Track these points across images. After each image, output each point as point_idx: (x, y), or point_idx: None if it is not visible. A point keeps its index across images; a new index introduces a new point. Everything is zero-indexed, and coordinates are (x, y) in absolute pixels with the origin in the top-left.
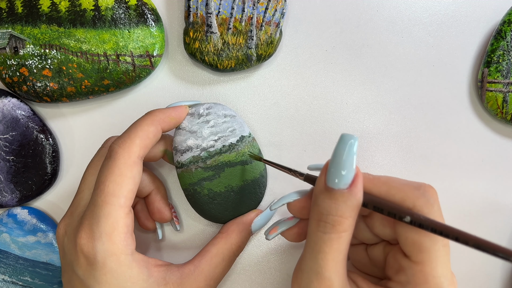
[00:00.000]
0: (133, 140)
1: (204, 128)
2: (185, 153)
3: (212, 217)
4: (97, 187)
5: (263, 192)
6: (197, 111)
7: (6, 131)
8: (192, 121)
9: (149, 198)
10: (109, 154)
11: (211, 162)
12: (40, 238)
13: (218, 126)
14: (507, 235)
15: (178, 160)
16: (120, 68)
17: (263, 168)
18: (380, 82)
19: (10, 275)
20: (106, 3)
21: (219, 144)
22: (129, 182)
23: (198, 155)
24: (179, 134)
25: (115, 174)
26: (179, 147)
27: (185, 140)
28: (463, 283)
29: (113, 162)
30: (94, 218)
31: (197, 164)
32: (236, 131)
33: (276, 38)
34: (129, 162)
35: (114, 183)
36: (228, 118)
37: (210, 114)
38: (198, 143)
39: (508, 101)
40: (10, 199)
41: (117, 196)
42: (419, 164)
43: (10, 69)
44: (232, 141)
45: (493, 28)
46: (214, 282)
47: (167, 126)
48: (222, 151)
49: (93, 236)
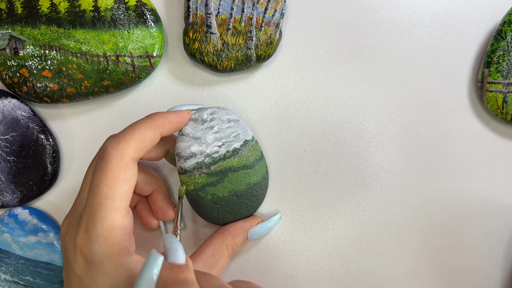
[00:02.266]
0: (127, 142)
1: (208, 134)
2: (189, 159)
3: (214, 220)
4: (92, 189)
5: (264, 193)
6: (200, 117)
7: (6, 131)
8: (196, 127)
9: (152, 197)
10: (102, 154)
11: (215, 168)
12: (41, 238)
13: (222, 132)
14: (507, 235)
15: (181, 166)
16: (120, 69)
17: (265, 171)
18: (380, 82)
19: (11, 275)
20: (105, 3)
21: (223, 149)
22: (123, 184)
23: (202, 161)
24: (183, 141)
25: (108, 177)
26: (183, 154)
27: (189, 147)
28: (463, 283)
29: (106, 164)
30: (91, 221)
31: (201, 170)
32: (240, 136)
33: (275, 38)
34: (122, 164)
35: (107, 186)
36: (232, 123)
37: (214, 120)
38: (202, 149)
39: (508, 101)
40: (11, 199)
41: (112, 199)
42: (419, 164)
43: (10, 70)
44: (236, 146)
45: (493, 28)
46: None
47: (166, 131)
48: (226, 157)
49: (91, 238)
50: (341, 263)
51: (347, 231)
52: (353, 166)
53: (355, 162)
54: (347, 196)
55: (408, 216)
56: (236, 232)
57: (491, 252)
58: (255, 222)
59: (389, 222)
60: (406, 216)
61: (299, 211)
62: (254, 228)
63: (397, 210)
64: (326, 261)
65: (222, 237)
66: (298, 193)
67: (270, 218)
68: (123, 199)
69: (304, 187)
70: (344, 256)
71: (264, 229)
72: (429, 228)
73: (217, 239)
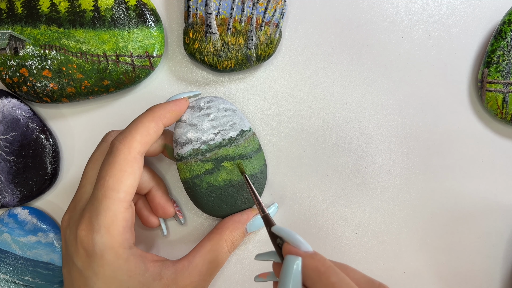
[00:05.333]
0: (133, 136)
1: (204, 121)
2: (185, 145)
3: (211, 211)
4: (98, 182)
5: (262, 187)
6: (197, 104)
7: (6, 131)
8: (192, 114)
9: (150, 194)
10: (110, 150)
11: (211, 155)
12: (40, 238)
13: (218, 120)
14: (507, 235)
15: (178, 153)
16: (120, 69)
17: (262, 164)
18: (380, 82)
19: (11, 275)
20: (105, 3)
21: (219, 137)
22: (129, 177)
23: (198, 148)
24: (179, 127)
25: (116, 169)
26: (179, 140)
27: (185, 133)
28: (463, 283)
29: (114, 158)
30: (94, 212)
31: (196, 157)
32: (236, 125)
33: (275, 38)
34: (129, 157)
35: (114, 178)
36: (228, 112)
37: (211, 108)
38: (198, 136)
39: (508, 101)
40: (10, 199)
41: (117, 190)
42: (419, 164)
43: (10, 69)
44: (232, 135)
45: (493, 28)
46: (208, 277)
47: (168, 121)
48: (222, 145)
49: (93, 229)
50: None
51: (347, 231)
52: (353, 166)
53: (355, 162)
54: (347, 196)
55: (408, 216)
56: (235, 225)
57: (491, 252)
58: (252, 214)
59: (389, 222)
60: (406, 216)
61: (299, 211)
62: (252, 220)
63: (397, 210)
64: None
65: (220, 232)
66: (298, 193)
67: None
68: (128, 191)
69: (304, 187)
70: (344, 256)
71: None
72: (429, 228)
73: (216, 234)
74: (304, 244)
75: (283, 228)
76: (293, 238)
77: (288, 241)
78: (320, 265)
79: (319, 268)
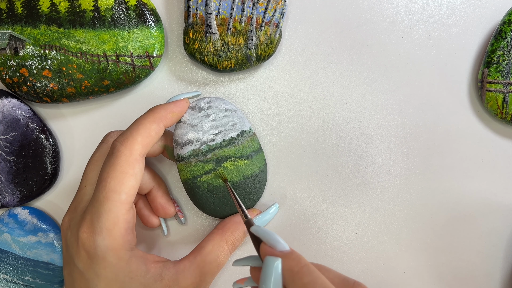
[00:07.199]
0: (134, 138)
1: (205, 121)
2: (186, 146)
3: (211, 212)
4: (99, 184)
5: (262, 188)
6: (198, 105)
7: (6, 131)
8: (192, 114)
9: (151, 194)
10: (111, 151)
11: (211, 156)
12: (40, 238)
13: (218, 120)
14: (507, 235)
15: (178, 153)
16: (120, 69)
17: (263, 164)
18: (380, 82)
19: (11, 275)
20: (105, 3)
21: (219, 138)
22: (130, 179)
23: (198, 148)
24: (180, 128)
25: (117, 171)
26: (180, 140)
27: (186, 134)
28: (463, 283)
29: (115, 159)
30: (96, 214)
31: (197, 157)
32: (236, 126)
33: (275, 38)
34: (131, 159)
35: (115, 180)
36: (228, 113)
37: (211, 108)
38: (198, 136)
39: (508, 101)
40: (11, 199)
41: (118, 192)
42: (419, 164)
43: (10, 69)
44: (233, 136)
45: (493, 28)
46: (209, 277)
47: (169, 122)
48: (222, 145)
49: (94, 231)
50: (341, 263)
51: (347, 231)
52: (353, 166)
53: (355, 162)
54: (347, 196)
55: (408, 216)
56: (235, 226)
57: (491, 252)
58: (253, 214)
59: (389, 222)
60: (406, 216)
61: (299, 211)
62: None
63: (397, 210)
64: (326, 261)
65: (221, 232)
66: (298, 193)
67: (268, 209)
68: (129, 193)
69: (304, 187)
70: (344, 256)
71: (263, 220)
72: (429, 228)
73: (217, 234)
74: (280, 243)
75: (261, 228)
76: (270, 238)
77: (265, 241)
78: (294, 264)
79: (292, 268)
